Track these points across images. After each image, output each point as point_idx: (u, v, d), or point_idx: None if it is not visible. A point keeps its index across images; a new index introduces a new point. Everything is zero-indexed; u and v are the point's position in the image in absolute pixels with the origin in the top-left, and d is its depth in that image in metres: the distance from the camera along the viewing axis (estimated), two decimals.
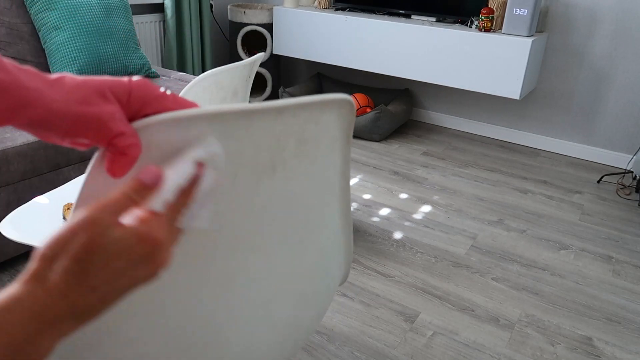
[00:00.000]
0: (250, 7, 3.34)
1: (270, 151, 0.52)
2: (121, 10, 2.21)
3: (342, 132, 0.60)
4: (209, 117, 0.45)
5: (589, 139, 2.84)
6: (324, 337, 1.45)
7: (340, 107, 0.56)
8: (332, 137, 0.59)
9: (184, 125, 0.44)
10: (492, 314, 1.59)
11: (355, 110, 0.56)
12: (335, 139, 0.60)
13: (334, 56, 3.09)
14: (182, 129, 0.44)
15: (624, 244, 2.03)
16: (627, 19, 2.54)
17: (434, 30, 2.71)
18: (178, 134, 0.44)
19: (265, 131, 0.50)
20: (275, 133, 0.51)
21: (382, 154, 2.78)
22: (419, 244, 1.94)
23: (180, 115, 0.44)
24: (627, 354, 1.46)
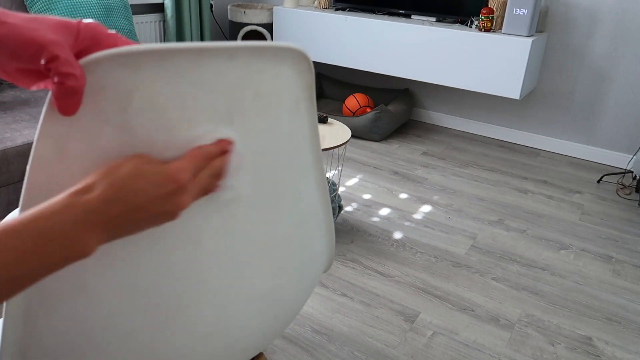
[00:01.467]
0: (250, 7, 3.34)
1: (226, 99, 0.51)
2: (121, 10, 2.21)
3: (304, 91, 0.59)
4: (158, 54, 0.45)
5: (589, 139, 2.84)
6: (324, 337, 1.45)
7: (298, 61, 0.56)
8: (294, 96, 0.58)
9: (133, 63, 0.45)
10: (492, 313, 1.59)
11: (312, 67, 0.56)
12: (298, 100, 0.59)
13: (334, 56, 3.09)
14: (131, 68, 0.45)
15: (624, 244, 2.03)
16: (627, 19, 2.54)
17: (434, 30, 2.71)
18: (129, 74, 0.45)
19: (218, 75, 0.50)
20: (230, 79, 0.51)
21: (382, 154, 2.78)
22: (419, 244, 1.94)
23: (127, 51, 0.44)
24: (627, 354, 1.46)
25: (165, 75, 0.47)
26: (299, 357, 1.37)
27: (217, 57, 0.49)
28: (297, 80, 0.57)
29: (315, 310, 1.55)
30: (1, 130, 1.63)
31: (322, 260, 0.79)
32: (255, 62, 0.52)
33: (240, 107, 0.53)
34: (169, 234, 0.53)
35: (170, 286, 0.56)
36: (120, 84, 0.45)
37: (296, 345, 1.41)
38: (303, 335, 1.45)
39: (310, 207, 0.70)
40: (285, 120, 0.59)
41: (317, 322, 1.50)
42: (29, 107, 1.87)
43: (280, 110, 0.57)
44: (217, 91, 0.50)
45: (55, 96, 0.43)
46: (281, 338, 1.43)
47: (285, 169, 0.62)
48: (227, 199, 0.56)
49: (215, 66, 0.49)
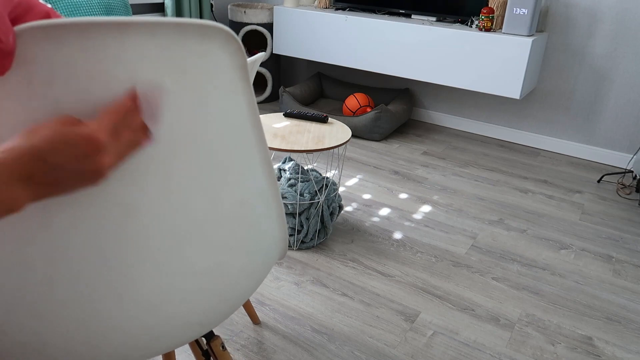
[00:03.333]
0: (250, 6, 3.34)
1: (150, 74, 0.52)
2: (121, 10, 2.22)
3: (237, 71, 0.61)
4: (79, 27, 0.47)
5: (589, 139, 2.84)
6: (324, 336, 1.45)
7: (226, 42, 0.57)
8: (227, 76, 0.60)
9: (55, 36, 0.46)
10: (493, 313, 1.59)
11: (244, 49, 0.59)
12: (232, 80, 0.60)
13: (334, 56, 3.09)
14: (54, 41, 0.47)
15: (624, 244, 2.03)
16: (627, 19, 2.54)
17: (434, 30, 2.71)
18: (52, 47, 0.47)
19: (140, 51, 0.51)
20: (152, 55, 0.52)
21: (382, 154, 2.78)
22: (419, 244, 1.94)
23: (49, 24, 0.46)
24: (627, 354, 1.46)
25: (87, 49, 0.48)
26: (299, 356, 1.37)
27: (138, 32, 0.50)
28: (227, 60, 0.59)
29: (316, 309, 1.55)
30: None
31: (274, 243, 0.80)
32: (179, 39, 0.53)
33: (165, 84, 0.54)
34: (103, 200, 0.54)
35: (106, 255, 0.57)
36: (45, 57, 0.47)
37: (296, 345, 1.41)
38: (303, 334, 1.45)
39: (256, 188, 0.71)
40: (218, 99, 0.60)
41: (317, 322, 1.50)
42: None
43: (211, 89, 0.59)
44: (140, 67, 0.51)
45: None
46: (281, 337, 1.43)
47: (225, 148, 0.63)
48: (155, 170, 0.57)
49: (137, 41, 0.50)
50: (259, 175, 0.71)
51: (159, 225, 0.59)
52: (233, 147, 0.64)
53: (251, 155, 0.68)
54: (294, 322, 1.50)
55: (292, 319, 1.51)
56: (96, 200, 0.54)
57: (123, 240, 0.57)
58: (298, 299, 1.59)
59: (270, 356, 1.36)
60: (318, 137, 1.78)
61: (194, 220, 0.63)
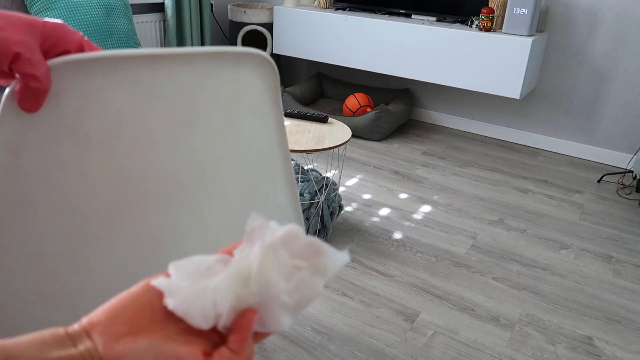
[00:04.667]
0: (250, 6, 3.34)
1: (184, 104, 0.52)
2: (121, 10, 2.21)
3: (269, 94, 0.59)
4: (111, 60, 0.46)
5: (589, 139, 2.84)
6: (325, 336, 1.45)
7: (260, 65, 0.56)
8: (257, 99, 0.59)
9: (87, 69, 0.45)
10: (493, 313, 1.59)
11: (277, 70, 0.57)
12: (263, 103, 0.59)
13: (334, 56, 3.09)
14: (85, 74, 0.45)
15: (624, 244, 2.03)
16: (627, 19, 2.54)
17: (434, 30, 2.71)
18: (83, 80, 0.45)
19: (175, 80, 0.50)
20: (187, 84, 0.51)
21: (382, 154, 2.78)
22: (419, 244, 1.94)
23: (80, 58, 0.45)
24: (627, 354, 1.46)
25: (119, 81, 0.47)
26: (299, 356, 1.37)
27: (173, 62, 0.49)
28: (260, 83, 0.58)
29: (316, 309, 1.55)
30: None
31: None
32: (213, 66, 0.52)
33: (200, 111, 0.53)
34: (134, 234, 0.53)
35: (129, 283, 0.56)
36: (76, 90, 0.46)
37: (296, 345, 1.41)
38: (303, 334, 1.45)
39: (279, 209, 0.70)
40: (248, 123, 0.59)
41: (318, 322, 1.50)
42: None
43: (243, 113, 0.58)
44: (175, 96, 0.51)
45: (18, 95, 0.43)
46: (282, 337, 1.43)
47: (251, 171, 0.62)
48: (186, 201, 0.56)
49: (172, 72, 0.50)
50: (281, 196, 0.70)
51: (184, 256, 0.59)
52: (259, 169, 0.63)
53: (275, 175, 0.67)
54: (294, 322, 1.50)
55: None
56: (125, 233, 0.52)
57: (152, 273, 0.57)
58: None
59: (270, 356, 1.36)
60: (318, 137, 1.78)
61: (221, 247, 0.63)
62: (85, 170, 0.49)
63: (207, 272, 0.36)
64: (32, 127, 0.45)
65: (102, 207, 0.51)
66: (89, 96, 0.46)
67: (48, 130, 0.46)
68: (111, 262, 0.53)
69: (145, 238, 0.54)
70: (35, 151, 0.46)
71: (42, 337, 0.32)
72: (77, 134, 0.47)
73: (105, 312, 0.34)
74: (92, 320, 0.34)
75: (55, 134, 0.46)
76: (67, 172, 0.48)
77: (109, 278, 0.54)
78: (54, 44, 0.45)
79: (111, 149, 0.49)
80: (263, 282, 0.35)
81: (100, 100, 0.47)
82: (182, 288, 0.34)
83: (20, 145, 0.45)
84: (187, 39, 3.07)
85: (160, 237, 0.56)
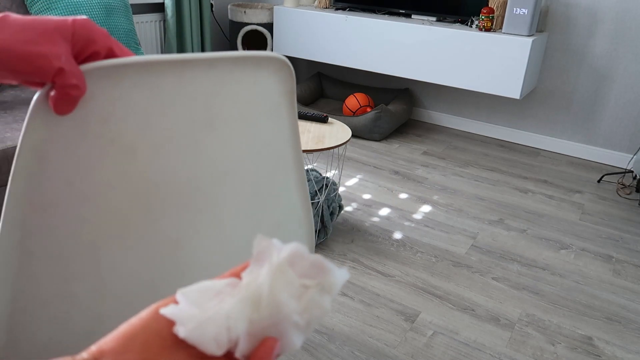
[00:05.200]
0: (250, 6, 3.34)
1: (206, 106, 0.52)
2: (121, 10, 2.21)
3: (285, 97, 0.60)
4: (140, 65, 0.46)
5: (589, 139, 2.84)
6: (325, 336, 1.45)
7: (279, 68, 0.57)
8: (274, 102, 0.59)
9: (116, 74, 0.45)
10: (493, 313, 1.59)
11: (294, 74, 0.58)
12: (279, 105, 0.60)
13: (334, 56, 3.09)
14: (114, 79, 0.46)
15: (624, 244, 2.03)
16: (627, 19, 2.54)
17: (434, 30, 2.71)
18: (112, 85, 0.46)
19: (198, 84, 0.51)
20: (209, 87, 0.52)
21: (383, 154, 2.78)
22: (419, 244, 1.94)
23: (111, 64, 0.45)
24: (627, 354, 1.46)
25: (146, 85, 0.48)
26: (299, 356, 1.37)
27: (197, 67, 0.50)
28: (277, 86, 0.59)
29: None
30: (2, 130, 1.63)
31: None
32: (234, 71, 0.53)
33: (220, 115, 0.54)
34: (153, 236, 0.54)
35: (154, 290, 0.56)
36: (103, 95, 0.46)
37: None
38: None
39: (290, 208, 0.71)
40: (265, 125, 0.60)
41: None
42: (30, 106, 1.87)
43: (261, 116, 0.59)
44: (197, 99, 0.51)
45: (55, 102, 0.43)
46: None
47: (266, 173, 0.63)
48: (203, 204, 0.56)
49: (194, 76, 0.50)
50: (293, 195, 0.70)
51: (205, 257, 0.59)
52: (273, 171, 0.64)
53: (288, 177, 0.68)
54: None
55: None
56: (146, 236, 0.53)
57: (171, 274, 0.57)
58: None
59: None
60: (318, 137, 1.78)
61: (238, 248, 0.63)
62: (109, 175, 0.49)
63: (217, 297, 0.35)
64: (59, 132, 0.45)
65: (124, 211, 0.51)
66: (115, 101, 0.47)
67: (74, 135, 0.46)
68: (132, 265, 0.53)
69: (165, 240, 0.55)
70: (60, 156, 0.46)
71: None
72: (103, 138, 0.47)
73: (115, 340, 0.34)
74: (102, 348, 0.33)
75: (82, 138, 0.47)
76: (91, 177, 0.48)
77: (129, 280, 0.54)
78: (84, 47, 0.44)
79: (135, 154, 0.49)
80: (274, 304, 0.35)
81: (126, 105, 0.47)
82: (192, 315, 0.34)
83: (46, 150, 0.45)
84: (187, 39, 3.07)
85: (180, 239, 0.56)
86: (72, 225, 0.49)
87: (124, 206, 0.51)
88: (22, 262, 0.48)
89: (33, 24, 0.41)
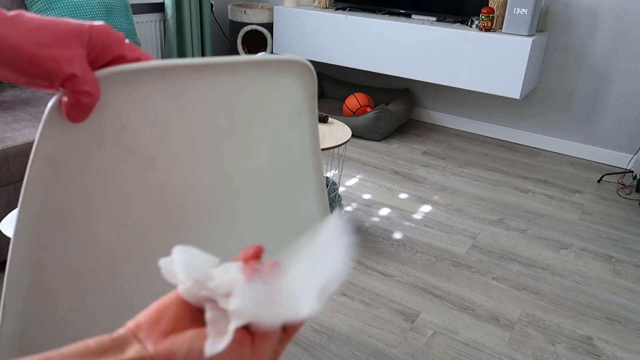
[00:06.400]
0: (250, 6, 3.34)
1: (227, 113, 0.51)
2: (121, 10, 2.22)
3: (307, 102, 0.59)
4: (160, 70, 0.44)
5: (589, 139, 2.84)
6: (325, 336, 1.45)
7: (301, 72, 0.55)
8: (296, 107, 0.58)
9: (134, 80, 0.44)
10: (493, 313, 1.59)
11: (316, 78, 0.57)
12: (300, 111, 0.59)
13: (334, 56, 3.09)
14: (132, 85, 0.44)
15: (624, 244, 2.03)
16: (628, 19, 2.54)
17: (434, 30, 2.71)
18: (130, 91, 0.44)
19: (220, 90, 0.49)
20: (231, 94, 0.50)
21: (383, 154, 2.78)
22: (419, 244, 1.94)
23: (129, 69, 0.43)
24: (627, 354, 1.46)
25: (166, 91, 0.46)
26: (299, 356, 1.37)
27: (218, 72, 0.48)
28: (300, 91, 0.57)
29: None
30: (2, 130, 1.63)
31: None
32: (256, 75, 0.51)
33: (241, 121, 0.52)
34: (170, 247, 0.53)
35: None
36: (120, 102, 0.44)
37: (296, 345, 1.41)
38: (303, 334, 1.45)
39: (309, 216, 0.70)
40: (286, 131, 0.58)
41: (318, 322, 1.50)
42: (30, 106, 1.87)
43: (282, 122, 0.57)
44: (219, 106, 0.50)
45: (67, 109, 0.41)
46: None
47: (286, 180, 0.61)
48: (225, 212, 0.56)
49: (216, 81, 0.48)
50: (312, 203, 0.69)
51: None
52: (293, 178, 0.62)
53: (308, 183, 0.66)
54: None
55: None
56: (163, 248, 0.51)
57: None
58: None
59: None
60: None
61: None
62: (127, 184, 0.47)
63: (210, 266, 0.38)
64: (75, 140, 0.43)
65: (141, 222, 0.49)
66: (133, 107, 0.45)
67: (91, 143, 0.44)
68: (149, 276, 0.52)
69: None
70: (76, 165, 0.44)
71: (87, 347, 0.32)
72: (120, 147, 0.45)
73: (149, 313, 0.36)
74: (138, 322, 0.35)
75: (98, 147, 0.44)
76: (108, 187, 0.46)
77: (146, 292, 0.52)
78: (100, 54, 0.42)
79: (154, 162, 0.47)
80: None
81: (145, 111, 0.45)
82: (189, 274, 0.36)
83: (61, 160, 0.43)
84: (187, 39, 3.07)
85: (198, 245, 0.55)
86: (87, 238, 0.47)
87: (141, 217, 0.49)
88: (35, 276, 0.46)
89: (48, 25, 0.40)
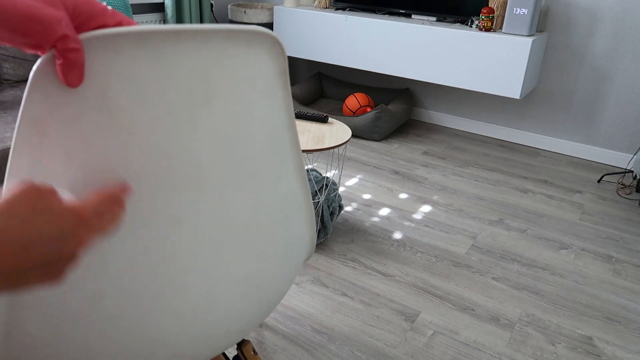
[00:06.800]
0: (250, 6, 3.34)
1: (202, 81, 0.52)
2: (121, 10, 2.21)
3: (278, 77, 0.61)
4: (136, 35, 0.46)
5: (589, 139, 2.84)
6: (325, 336, 1.45)
7: (270, 45, 0.57)
8: (269, 81, 0.60)
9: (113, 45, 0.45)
10: (493, 313, 1.59)
11: (286, 54, 0.60)
12: (273, 86, 0.61)
13: (334, 56, 3.09)
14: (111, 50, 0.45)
15: (624, 244, 2.03)
16: (628, 19, 2.54)
17: (434, 30, 2.71)
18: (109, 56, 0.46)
19: (195, 57, 0.51)
20: (205, 61, 0.52)
21: (383, 154, 2.78)
22: (419, 244, 1.94)
23: (106, 33, 0.45)
24: (627, 354, 1.46)
25: (143, 56, 0.47)
26: (299, 356, 1.37)
27: (193, 39, 0.50)
28: (270, 65, 0.59)
29: (316, 309, 1.55)
30: (2, 130, 1.63)
31: (304, 246, 0.80)
32: (229, 45, 0.53)
33: (217, 89, 0.54)
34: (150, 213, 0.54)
35: (153, 268, 0.56)
36: (101, 65, 0.46)
37: (296, 345, 1.41)
38: (303, 334, 1.45)
39: (290, 192, 0.71)
40: (261, 104, 0.60)
41: (318, 322, 1.50)
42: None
43: (256, 94, 0.59)
44: (194, 73, 0.51)
45: (62, 71, 0.43)
46: (282, 337, 1.43)
47: (263, 153, 0.63)
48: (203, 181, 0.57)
49: (192, 48, 0.50)
50: (292, 179, 0.70)
51: (202, 235, 0.59)
52: (270, 152, 0.64)
53: (286, 159, 0.68)
54: (294, 322, 1.50)
55: (292, 318, 1.51)
56: (143, 214, 0.53)
57: (169, 252, 0.57)
58: (298, 299, 1.59)
59: (270, 356, 1.36)
60: (318, 137, 1.78)
61: (235, 229, 0.63)
62: (108, 149, 0.48)
63: None
64: (59, 104, 0.45)
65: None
66: (114, 72, 0.46)
67: (74, 107, 0.46)
68: (131, 241, 0.53)
69: (165, 217, 0.55)
70: (60, 129, 0.46)
71: None
72: (102, 111, 0.47)
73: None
74: None
75: (81, 111, 0.46)
76: (90, 151, 0.48)
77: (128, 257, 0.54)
78: (84, 22, 0.45)
79: (134, 127, 0.49)
80: None
81: (125, 76, 0.47)
82: None
83: (46, 123, 0.45)
84: None
85: (180, 216, 0.56)
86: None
87: None
88: None
89: None
